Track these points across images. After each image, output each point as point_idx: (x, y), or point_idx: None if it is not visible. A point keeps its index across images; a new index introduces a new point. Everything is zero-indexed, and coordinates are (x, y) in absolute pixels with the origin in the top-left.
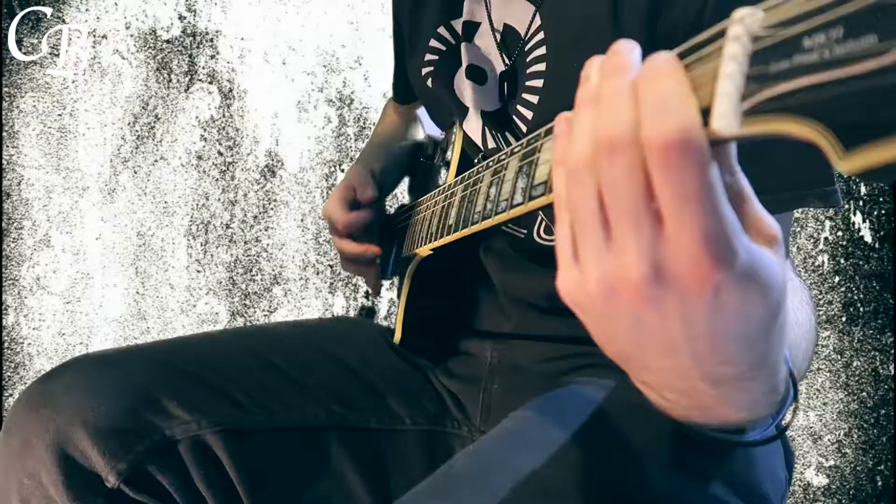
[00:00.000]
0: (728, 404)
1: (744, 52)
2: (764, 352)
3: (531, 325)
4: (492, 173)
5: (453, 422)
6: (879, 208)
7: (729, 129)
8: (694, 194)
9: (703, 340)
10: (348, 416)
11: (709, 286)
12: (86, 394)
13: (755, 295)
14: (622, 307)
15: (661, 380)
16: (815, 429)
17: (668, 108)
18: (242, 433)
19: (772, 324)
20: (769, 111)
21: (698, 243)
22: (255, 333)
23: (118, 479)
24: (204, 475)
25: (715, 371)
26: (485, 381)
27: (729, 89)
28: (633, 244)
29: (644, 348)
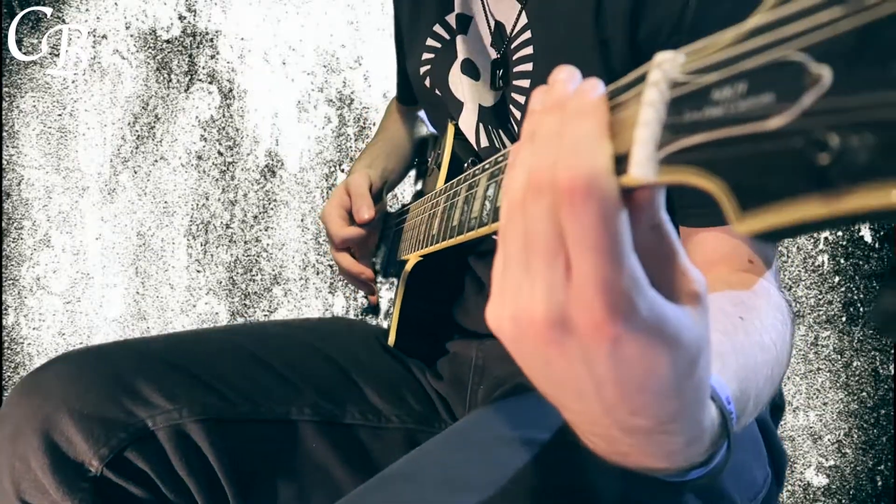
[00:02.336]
0: (645, 454)
1: (661, 98)
2: (677, 408)
3: None
4: (467, 188)
5: (441, 423)
6: None
7: (645, 177)
8: (596, 242)
9: (609, 388)
10: (334, 411)
11: (604, 337)
12: (73, 383)
13: (660, 351)
14: (529, 345)
15: (580, 422)
16: (815, 429)
17: (579, 150)
18: (224, 423)
19: (685, 380)
20: (679, 162)
21: (596, 292)
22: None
23: (101, 464)
24: (185, 463)
25: (626, 421)
26: (470, 381)
27: (646, 137)
28: (542, 286)
29: (556, 388)
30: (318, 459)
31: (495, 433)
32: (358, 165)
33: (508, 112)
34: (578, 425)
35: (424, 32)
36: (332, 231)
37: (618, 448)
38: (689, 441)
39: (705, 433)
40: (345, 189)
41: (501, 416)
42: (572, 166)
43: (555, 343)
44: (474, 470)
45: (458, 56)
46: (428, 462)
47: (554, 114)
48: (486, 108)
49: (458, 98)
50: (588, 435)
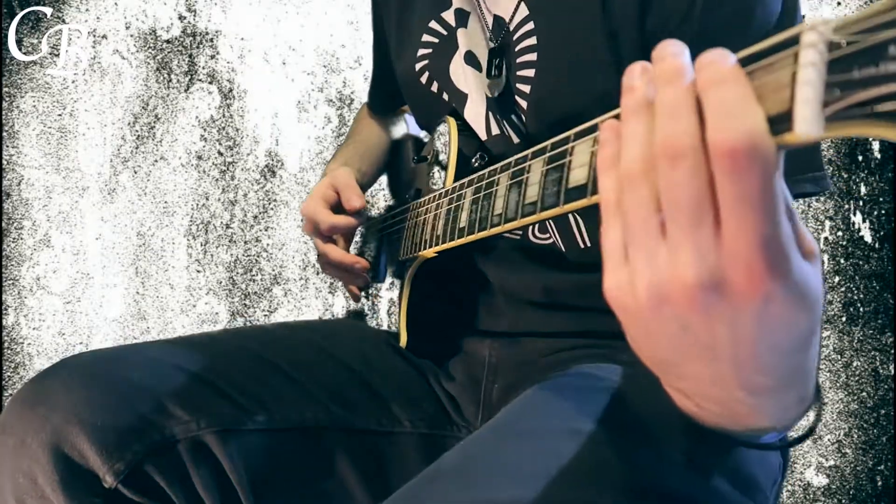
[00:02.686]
0: (760, 412)
1: (821, 59)
2: (800, 364)
3: (529, 322)
4: (509, 176)
5: (453, 426)
6: (879, 208)
7: (813, 134)
8: (757, 200)
9: (745, 348)
10: (348, 417)
11: (760, 294)
12: (83, 392)
13: (801, 308)
14: (670, 313)
15: (698, 387)
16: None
17: (735, 114)
18: (241, 433)
19: (809, 337)
20: (854, 117)
21: (756, 250)
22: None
23: (116, 479)
24: (202, 476)
25: (752, 380)
26: (484, 380)
27: (809, 95)
28: (688, 249)
29: (685, 355)
30: (334, 467)
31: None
32: (332, 166)
33: (514, 102)
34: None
35: (419, 30)
36: (320, 219)
37: (734, 409)
38: (801, 398)
39: (811, 392)
40: (328, 184)
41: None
42: (730, 131)
43: (701, 305)
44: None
45: (459, 48)
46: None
47: (675, 83)
48: (491, 99)
49: (461, 90)
50: (700, 400)
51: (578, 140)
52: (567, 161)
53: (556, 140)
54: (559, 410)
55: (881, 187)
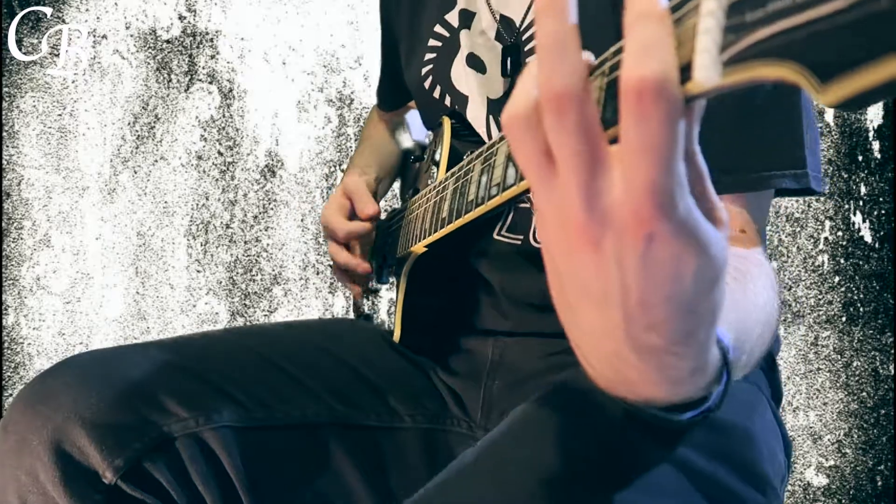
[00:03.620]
0: (651, 380)
1: (719, 6)
2: (691, 327)
3: (530, 323)
4: (482, 161)
5: (453, 420)
6: (879, 208)
7: (710, 81)
8: (658, 143)
9: (634, 294)
10: (348, 413)
11: (644, 230)
12: (83, 391)
13: (689, 255)
14: (566, 246)
15: (591, 340)
16: (815, 429)
17: (652, 53)
18: (241, 430)
19: (703, 297)
20: (746, 59)
21: (645, 189)
22: (255, 332)
23: (115, 476)
24: (202, 473)
25: (642, 337)
26: (486, 378)
27: (708, 43)
28: (577, 185)
29: (580, 298)
30: (334, 464)
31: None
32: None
33: None
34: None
35: (426, 35)
36: (337, 226)
37: (624, 374)
38: (694, 369)
39: (709, 365)
40: (342, 192)
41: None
42: (642, 69)
43: (591, 242)
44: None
45: (461, 50)
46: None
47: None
48: (493, 101)
49: (462, 92)
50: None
51: None
52: None
53: None
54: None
55: (881, 187)
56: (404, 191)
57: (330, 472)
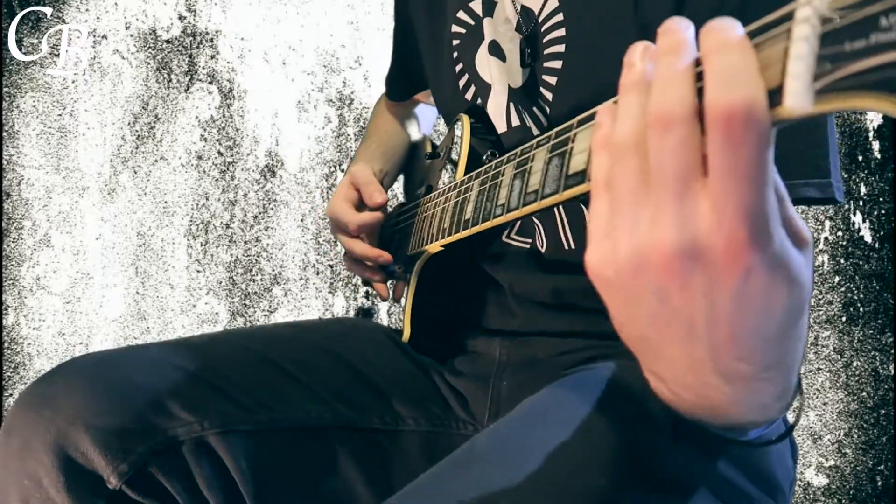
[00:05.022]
0: (738, 404)
1: (814, 33)
2: (781, 354)
3: (539, 322)
4: (515, 166)
5: (458, 422)
6: (879, 208)
7: (802, 108)
8: (748, 169)
9: (722, 328)
10: (351, 415)
11: (740, 265)
12: (87, 394)
13: (781, 287)
14: (648, 280)
15: (673, 371)
16: (815, 429)
17: (736, 80)
18: (245, 434)
19: (792, 325)
20: (844, 89)
21: (739, 219)
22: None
23: (120, 481)
24: (207, 476)
25: (730, 366)
26: (493, 378)
27: (800, 70)
28: (671, 215)
29: (661, 330)
30: (337, 466)
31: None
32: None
33: (538, 93)
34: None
35: (450, 20)
36: (347, 219)
37: (709, 398)
38: (780, 393)
39: (792, 389)
40: (349, 183)
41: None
42: (730, 95)
43: (680, 273)
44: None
45: (485, 38)
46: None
47: (675, 55)
48: (514, 89)
49: (485, 80)
50: (676, 386)
51: (581, 127)
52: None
53: (560, 128)
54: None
55: (881, 187)
56: (411, 186)
57: (333, 474)
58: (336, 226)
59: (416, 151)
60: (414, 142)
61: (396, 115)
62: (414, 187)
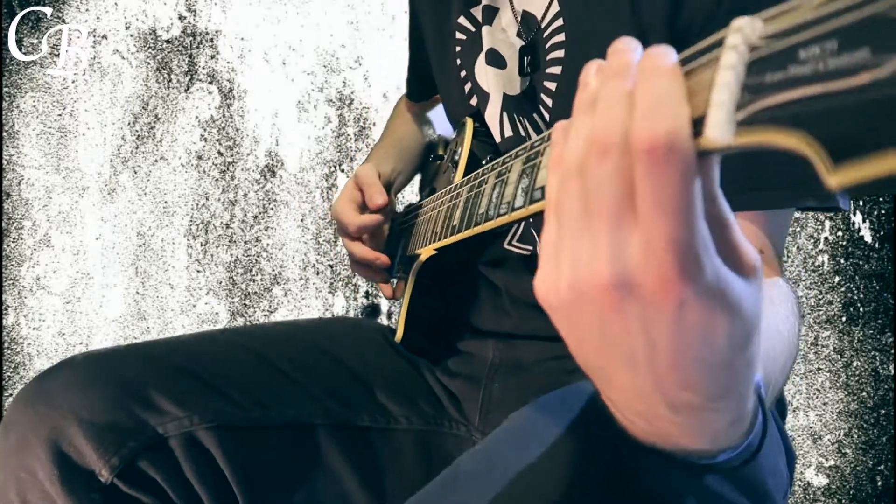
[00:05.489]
0: (688, 433)
1: (740, 61)
2: (727, 383)
3: (533, 325)
4: (496, 175)
5: (451, 422)
6: (879, 208)
7: (722, 139)
8: (672, 202)
9: (663, 357)
10: (343, 413)
11: (671, 298)
12: (80, 390)
13: (720, 318)
14: (588, 311)
15: (624, 399)
16: (815, 429)
17: (659, 110)
18: (236, 429)
19: (738, 354)
20: (760, 122)
21: (667, 252)
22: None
23: (111, 474)
24: (197, 471)
25: (676, 396)
26: (485, 380)
27: (724, 99)
28: (606, 246)
29: (607, 360)
30: (329, 464)
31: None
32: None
33: (537, 99)
34: (621, 402)
35: (453, 27)
36: (348, 220)
37: (660, 428)
38: (733, 421)
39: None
40: (353, 184)
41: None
42: (652, 126)
43: (616, 306)
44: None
45: (483, 47)
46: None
47: (619, 79)
48: (510, 97)
49: (484, 89)
50: (629, 413)
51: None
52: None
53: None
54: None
55: None
56: (421, 187)
57: (324, 472)
58: (339, 227)
59: (431, 152)
60: (431, 142)
61: (415, 115)
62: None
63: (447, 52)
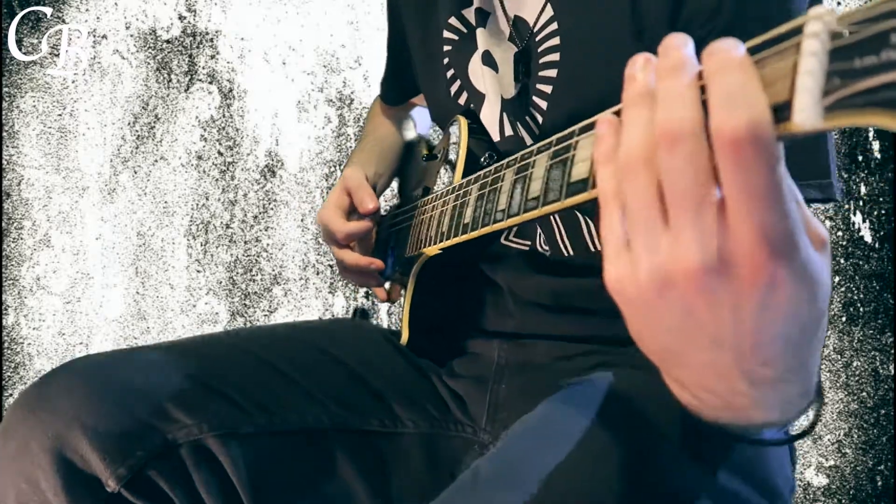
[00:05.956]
0: (762, 406)
1: (823, 48)
2: (804, 355)
3: (538, 325)
4: (514, 172)
5: (457, 424)
6: (879, 208)
7: (811, 124)
8: (761, 189)
9: (749, 337)
10: (349, 418)
11: (764, 279)
12: (85, 397)
13: (806, 295)
14: (673, 297)
15: (698, 378)
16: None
17: (739, 102)
18: (243, 437)
19: (815, 328)
20: (854, 105)
21: (760, 236)
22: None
23: (118, 484)
24: (205, 479)
25: (755, 371)
26: (491, 380)
27: (810, 85)
28: (691, 233)
29: (687, 343)
30: (337, 469)
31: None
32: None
33: (529, 102)
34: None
35: (441, 26)
36: (335, 228)
37: (734, 402)
38: (802, 391)
39: (813, 386)
40: (341, 189)
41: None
42: (733, 118)
43: (706, 290)
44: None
45: (478, 48)
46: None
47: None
48: (507, 100)
49: (479, 90)
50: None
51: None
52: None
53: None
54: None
55: (881, 187)
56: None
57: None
58: (326, 234)
59: (412, 152)
60: (409, 143)
61: (392, 118)
62: (410, 188)
63: (433, 52)
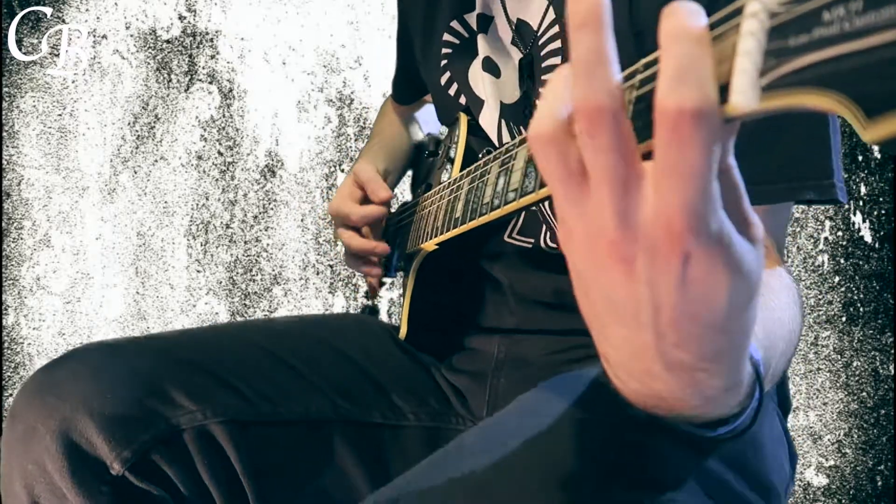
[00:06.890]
0: (680, 394)
1: (761, 27)
2: (721, 345)
3: (538, 320)
4: (499, 164)
5: (457, 418)
6: (879, 208)
7: (748, 105)
8: (693, 167)
9: (665, 312)
10: (352, 409)
11: (677, 251)
12: (91, 381)
13: (722, 274)
14: (598, 267)
15: (618, 356)
16: (815, 429)
17: (690, 77)
18: (246, 424)
19: (735, 316)
20: (787, 85)
21: (680, 211)
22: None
23: (123, 467)
24: (208, 465)
25: (669, 353)
26: (491, 375)
27: (747, 66)
28: (610, 203)
29: (608, 314)
30: (337, 459)
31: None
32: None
33: (532, 107)
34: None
35: (441, 27)
36: (349, 210)
37: (652, 388)
38: (727, 387)
39: (743, 383)
40: (352, 181)
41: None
42: (680, 94)
43: (625, 261)
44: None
45: (479, 54)
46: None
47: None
48: (507, 105)
49: (479, 96)
50: (622, 373)
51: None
52: None
53: None
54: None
55: (881, 187)
56: (416, 186)
57: (333, 468)
58: (338, 220)
59: (422, 151)
60: (419, 141)
61: (402, 116)
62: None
63: (434, 54)
